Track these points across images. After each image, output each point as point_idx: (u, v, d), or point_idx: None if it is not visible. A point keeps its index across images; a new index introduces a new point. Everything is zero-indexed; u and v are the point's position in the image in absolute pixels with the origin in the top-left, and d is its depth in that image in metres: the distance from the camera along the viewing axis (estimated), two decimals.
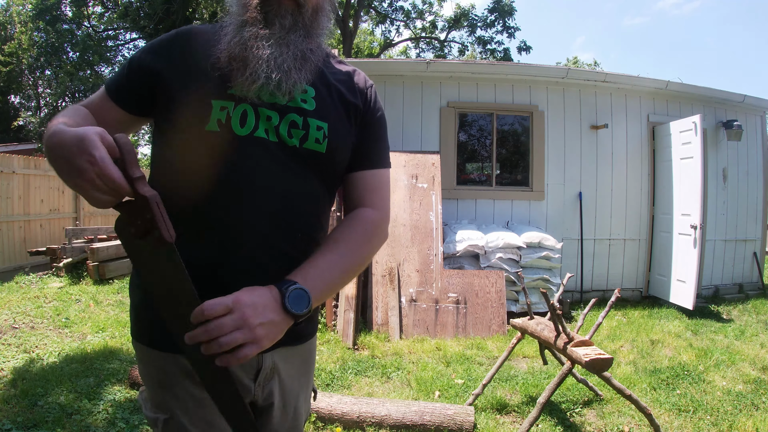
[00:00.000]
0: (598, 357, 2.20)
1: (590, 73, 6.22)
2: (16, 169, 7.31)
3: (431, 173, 5.20)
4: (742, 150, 6.56)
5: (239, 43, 0.91)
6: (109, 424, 2.53)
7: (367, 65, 6.40)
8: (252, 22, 0.92)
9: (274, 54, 0.90)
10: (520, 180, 6.08)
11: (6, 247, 7.14)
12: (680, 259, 5.50)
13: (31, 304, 4.97)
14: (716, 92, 6.32)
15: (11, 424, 2.48)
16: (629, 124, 6.12)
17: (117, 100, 1.00)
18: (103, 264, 6.31)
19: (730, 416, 2.84)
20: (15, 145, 12.79)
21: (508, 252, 5.06)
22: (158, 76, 0.95)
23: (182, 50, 0.97)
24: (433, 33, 24.19)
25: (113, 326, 4.35)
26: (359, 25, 23.00)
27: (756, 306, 5.74)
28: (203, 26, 1.05)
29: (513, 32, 22.25)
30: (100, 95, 1.03)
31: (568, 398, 3.03)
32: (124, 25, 18.70)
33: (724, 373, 3.56)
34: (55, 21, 17.29)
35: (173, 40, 1.00)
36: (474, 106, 5.97)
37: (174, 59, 0.96)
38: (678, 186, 5.63)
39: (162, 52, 0.98)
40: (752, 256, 6.71)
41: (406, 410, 2.61)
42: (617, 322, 5.03)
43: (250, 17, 0.92)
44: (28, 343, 3.82)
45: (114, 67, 20.28)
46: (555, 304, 2.38)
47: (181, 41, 0.99)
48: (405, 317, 4.52)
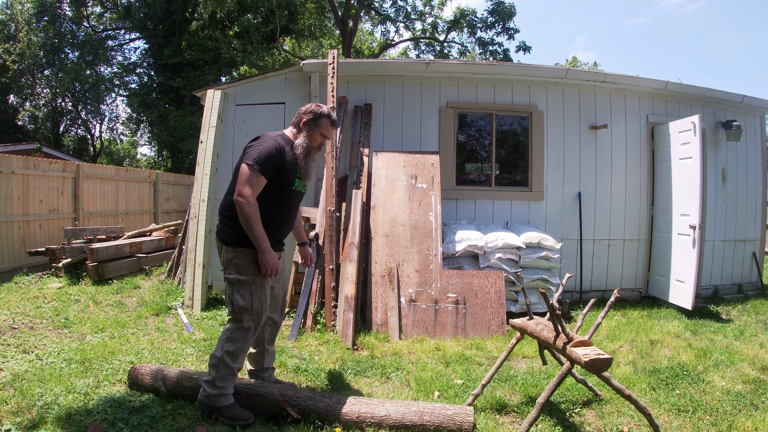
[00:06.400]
0: (597, 357, 2.20)
1: (589, 74, 6.22)
2: (16, 169, 7.31)
3: (430, 173, 5.21)
4: (742, 150, 6.57)
5: (304, 159, 2.69)
6: (109, 424, 2.53)
7: (367, 65, 6.40)
8: (309, 152, 2.72)
9: (313, 169, 2.77)
10: (519, 180, 6.09)
11: (5, 248, 7.14)
12: (679, 259, 5.51)
13: (30, 304, 4.97)
14: (715, 92, 6.33)
15: (11, 424, 2.47)
16: (628, 125, 6.13)
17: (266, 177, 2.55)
18: (103, 264, 6.31)
19: (730, 416, 2.84)
20: (14, 145, 12.78)
21: (507, 252, 5.06)
22: (278, 169, 2.58)
23: (281, 157, 2.58)
24: (434, 34, 24.19)
25: (112, 326, 4.35)
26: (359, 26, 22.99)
27: (755, 306, 5.74)
28: (281, 142, 2.61)
29: (513, 34, 22.27)
30: (262, 180, 2.52)
31: (567, 398, 3.03)
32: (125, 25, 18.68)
33: (723, 373, 3.57)
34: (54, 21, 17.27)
35: (279, 151, 2.56)
36: (473, 107, 5.97)
37: (282, 162, 2.58)
38: (677, 186, 5.63)
39: (278, 159, 2.57)
40: (751, 257, 6.72)
41: (405, 410, 2.61)
42: (616, 322, 5.03)
43: (310, 149, 2.73)
44: (27, 343, 3.82)
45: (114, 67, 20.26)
46: (554, 305, 2.38)
47: (281, 153, 2.57)
48: (404, 317, 4.52)
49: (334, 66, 5.23)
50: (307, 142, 2.68)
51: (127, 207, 10.56)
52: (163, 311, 4.97)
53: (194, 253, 5.31)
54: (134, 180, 10.94)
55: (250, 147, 2.55)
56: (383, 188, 5.11)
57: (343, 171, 5.57)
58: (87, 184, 9.08)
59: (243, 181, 2.45)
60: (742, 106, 6.51)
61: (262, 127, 5.81)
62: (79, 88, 19.43)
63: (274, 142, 2.56)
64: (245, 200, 2.43)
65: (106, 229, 7.67)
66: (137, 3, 18.14)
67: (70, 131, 22.84)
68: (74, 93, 20.00)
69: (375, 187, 5.11)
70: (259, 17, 19.32)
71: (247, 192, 2.44)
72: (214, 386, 2.56)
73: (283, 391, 2.70)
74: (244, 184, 2.45)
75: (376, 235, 4.86)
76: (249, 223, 2.45)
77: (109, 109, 23.64)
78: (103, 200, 9.68)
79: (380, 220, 4.93)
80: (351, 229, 4.77)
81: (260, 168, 2.47)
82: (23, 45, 16.81)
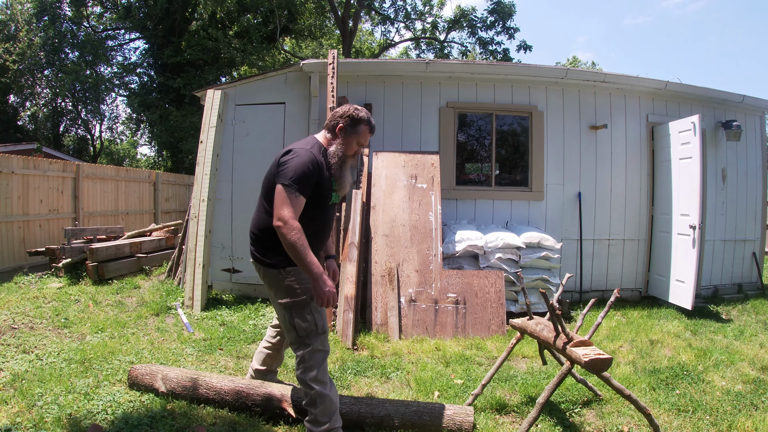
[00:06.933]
0: (597, 357, 2.20)
1: (589, 74, 6.22)
2: (16, 169, 7.31)
3: (430, 173, 5.21)
4: (742, 150, 6.57)
5: (339, 169, 2.42)
6: (109, 424, 2.53)
7: (367, 65, 6.40)
8: (344, 161, 2.43)
9: (348, 179, 2.48)
10: (519, 180, 6.09)
11: (5, 248, 7.14)
12: (679, 259, 5.51)
13: (30, 304, 4.97)
14: (715, 92, 6.33)
15: (11, 425, 2.47)
16: (628, 125, 6.13)
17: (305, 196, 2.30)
18: (102, 264, 6.31)
19: (730, 416, 2.84)
20: (14, 145, 12.78)
21: (507, 252, 5.06)
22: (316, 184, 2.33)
23: (319, 170, 2.33)
24: (434, 34, 24.18)
25: (112, 326, 4.35)
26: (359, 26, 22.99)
27: (755, 306, 5.74)
28: (316, 154, 2.35)
29: (513, 33, 22.27)
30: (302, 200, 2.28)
31: (567, 398, 3.03)
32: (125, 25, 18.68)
33: (723, 373, 3.57)
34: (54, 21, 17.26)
35: (315, 165, 2.31)
36: (473, 107, 5.97)
37: (319, 176, 2.33)
38: (677, 186, 5.63)
39: (316, 173, 2.31)
40: (751, 257, 6.72)
41: (405, 410, 2.61)
42: (616, 322, 5.03)
43: (345, 157, 2.43)
44: (27, 343, 3.82)
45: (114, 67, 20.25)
46: (554, 304, 2.38)
47: (318, 166, 2.32)
48: (404, 317, 4.52)
49: (334, 66, 5.23)
50: (342, 150, 2.40)
51: (127, 207, 10.57)
52: (163, 311, 4.97)
53: (194, 253, 5.31)
54: (134, 180, 10.94)
55: (284, 163, 2.28)
56: (383, 188, 5.11)
57: None
58: (87, 184, 9.08)
59: (281, 203, 2.21)
60: (742, 106, 6.51)
61: (262, 127, 5.83)
62: (79, 88, 19.42)
63: (309, 155, 2.30)
64: (287, 225, 2.18)
65: (106, 229, 7.67)
66: (137, 3, 18.13)
67: (70, 131, 22.84)
68: (74, 93, 19.99)
69: (375, 187, 5.11)
70: (259, 17, 19.32)
71: (287, 216, 2.19)
72: (320, 423, 2.33)
73: (283, 391, 2.70)
74: (283, 207, 2.20)
75: (376, 235, 4.86)
76: (295, 249, 2.19)
77: (109, 109, 23.65)
78: (103, 200, 9.69)
79: (380, 220, 4.93)
80: (351, 229, 4.77)
81: (298, 187, 2.22)
82: (24, 45, 16.80)
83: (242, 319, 4.78)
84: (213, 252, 5.72)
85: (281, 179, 2.25)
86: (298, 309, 2.34)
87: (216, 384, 2.77)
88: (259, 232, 2.42)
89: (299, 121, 5.76)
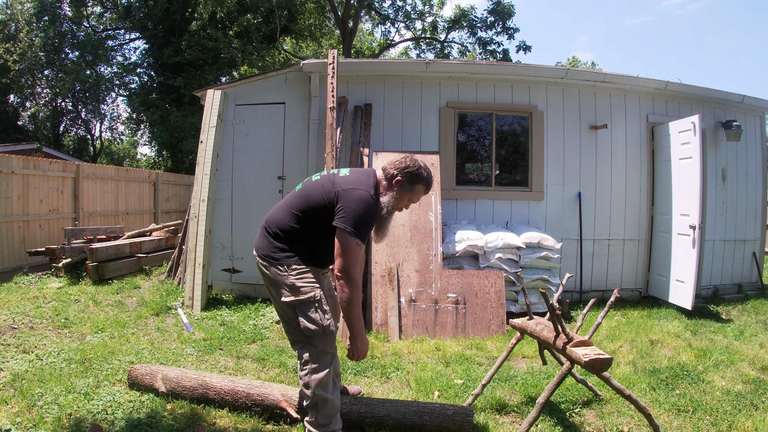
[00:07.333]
0: (597, 357, 2.20)
1: (589, 74, 6.22)
2: (16, 169, 7.31)
3: None
4: (742, 150, 6.57)
5: (385, 220, 2.38)
6: (109, 424, 2.53)
7: (367, 65, 6.40)
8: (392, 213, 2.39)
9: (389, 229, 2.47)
10: (519, 180, 6.09)
11: (5, 248, 7.14)
12: (679, 259, 5.51)
13: (30, 304, 4.97)
14: (715, 92, 6.33)
15: (11, 425, 2.47)
16: (628, 125, 6.13)
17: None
18: (102, 264, 6.31)
19: (730, 416, 2.84)
20: (14, 145, 12.78)
21: (507, 252, 5.06)
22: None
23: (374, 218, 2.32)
24: (434, 34, 24.19)
25: (112, 326, 4.35)
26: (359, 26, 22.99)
27: (755, 306, 5.74)
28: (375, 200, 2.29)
29: (512, 33, 22.28)
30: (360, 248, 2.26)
31: (567, 398, 3.03)
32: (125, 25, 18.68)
33: (723, 373, 3.57)
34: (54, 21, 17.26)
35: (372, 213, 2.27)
36: (473, 107, 5.97)
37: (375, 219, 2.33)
38: (677, 186, 5.63)
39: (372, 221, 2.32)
40: (751, 257, 6.72)
41: (405, 410, 2.61)
42: (616, 322, 5.03)
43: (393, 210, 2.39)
44: (27, 343, 3.82)
45: (114, 67, 20.25)
46: (554, 304, 2.38)
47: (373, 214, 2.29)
48: (404, 317, 4.52)
49: (334, 66, 5.23)
50: (393, 204, 2.35)
51: (127, 207, 10.57)
52: (163, 311, 4.97)
53: (194, 253, 5.31)
54: (134, 180, 10.94)
55: (348, 202, 2.21)
56: None
57: None
58: (87, 184, 9.08)
59: (345, 253, 2.16)
60: (742, 106, 6.51)
61: (262, 127, 5.83)
62: (79, 88, 19.43)
63: (371, 202, 2.25)
64: (350, 280, 2.18)
65: (106, 229, 7.67)
66: (137, 3, 18.13)
67: (70, 131, 22.85)
68: (74, 93, 19.99)
69: None
70: (259, 17, 19.32)
71: (352, 270, 2.18)
72: (321, 426, 2.32)
73: (283, 391, 2.70)
74: (347, 258, 2.17)
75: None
76: (351, 304, 2.19)
77: (110, 109, 23.66)
78: (103, 200, 9.69)
79: None
80: None
81: (361, 239, 2.21)
82: (25, 45, 16.80)
83: (242, 319, 4.79)
84: (213, 252, 5.71)
85: (344, 223, 2.18)
86: (303, 308, 2.29)
87: (216, 384, 2.77)
88: (282, 232, 2.34)
89: (299, 121, 5.77)
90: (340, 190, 2.25)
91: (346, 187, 2.26)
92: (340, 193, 2.23)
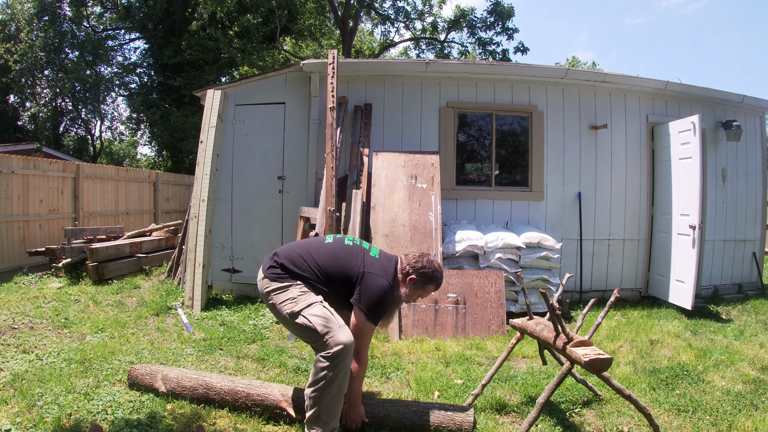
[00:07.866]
0: (597, 357, 2.20)
1: (589, 74, 6.22)
2: (16, 169, 7.31)
3: (430, 173, 5.21)
4: (741, 150, 6.57)
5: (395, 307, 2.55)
6: (109, 424, 2.53)
7: (367, 65, 6.40)
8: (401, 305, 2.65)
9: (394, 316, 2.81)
10: (519, 180, 6.09)
11: (5, 248, 7.14)
12: (679, 259, 5.51)
13: (30, 304, 4.97)
14: (715, 92, 6.33)
15: (11, 425, 2.47)
16: (628, 125, 6.13)
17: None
18: (103, 264, 6.31)
19: (730, 416, 2.84)
20: (14, 145, 12.78)
21: (507, 252, 5.06)
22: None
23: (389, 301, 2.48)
24: (434, 34, 24.19)
25: (112, 326, 4.35)
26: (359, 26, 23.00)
27: (755, 306, 5.74)
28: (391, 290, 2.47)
29: (512, 34, 22.29)
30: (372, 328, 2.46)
31: (567, 398, 3.03)
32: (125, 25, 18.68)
33: (723, 373, 3.57)
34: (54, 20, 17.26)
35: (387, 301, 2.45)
36: (473, 107, 5.97)
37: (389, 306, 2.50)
38: (677, 186, 5.63)
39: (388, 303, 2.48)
40: (751, 257, 6.72)
41: (405, 410, 2.61)
42: (616, 322, 5.03)
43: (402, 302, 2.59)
44: (27, 343, 3.82)
45: (114, 67, 20.25)
46: (554, 304, 2.38)
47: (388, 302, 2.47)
48: (404, 317, 4.52)
49: (334, 66, 5.23)
50: (403, 299, 2.55)
51: (127, 207, 10.57)
52: (163, 311, 4.97)
53: (194, 253, 5.31)
54: (134, 180, 10.94)
55: (372, 286, 2.39)
56: (383, 188, 5.11)
57: (343, 171, 5.58)
58: (87, 184, 9.08)
59: (363, 340, 2.40)
60: (742, 106, 6.51)
61: (262, 127, 5.83)
62: (79, 88, 19.43)
63: (388, 290, 2.45)
64: (362, 362, 2.43)
65: (106, 229, 7.67)
66: (137, 3, 18.13)
67: (70, 131, 22.84)
68: (74, 93, 19.99)
69: (375, 187, 5.11)
70: (259, 17, 19.32)
71: (366, 353, 2.45)
72: (321, 422, 2.31)
73: (282, 391, 2.70)
74: (365, 345, 2.43)
75: (376, 235, 4.86)
76: (356, 381, 2.42)
77: (110, 109, 23.66)
78: (103, 200, 9.69)
79: (380, 220, 4.93)
80: (351, 229, 4.77)
81: (375, 323, 2.42)
82: (25, 45, 16.80)
83: (242, 319, 4.79)
84: (213, 252, 5.72)
85: (363, 304, 2.39)
86: (306, 312, 2.35)
87: (216, 384, 2.77)
88: (298, 269, 2.46)
89: (299, 121, 5.77)
90: (366, 272, 2.43)
91: (371, 270, 2.44)
92: (366, 275, 2.42)
